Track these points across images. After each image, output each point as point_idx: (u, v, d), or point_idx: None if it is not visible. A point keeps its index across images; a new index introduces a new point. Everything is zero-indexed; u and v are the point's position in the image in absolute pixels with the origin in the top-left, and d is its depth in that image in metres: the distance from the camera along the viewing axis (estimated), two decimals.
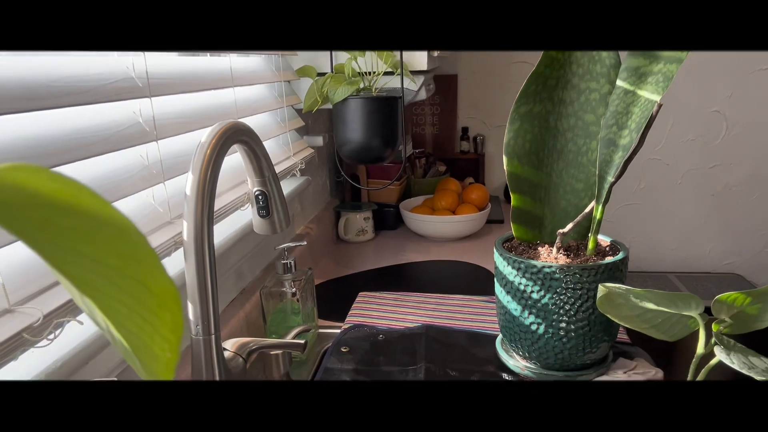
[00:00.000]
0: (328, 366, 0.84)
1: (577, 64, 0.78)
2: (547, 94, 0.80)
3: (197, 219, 0.56)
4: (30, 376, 0.49)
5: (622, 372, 0.78)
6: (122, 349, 0.20)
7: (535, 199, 0.83)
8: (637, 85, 0.70)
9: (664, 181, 2.17)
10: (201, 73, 0.78)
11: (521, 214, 0.83)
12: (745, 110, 2.07)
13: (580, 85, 0.79)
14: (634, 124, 0.69)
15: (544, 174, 0.83)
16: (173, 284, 0.19)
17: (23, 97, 0.48)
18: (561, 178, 0.82)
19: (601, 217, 0.75)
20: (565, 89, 0.80)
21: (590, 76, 0.78)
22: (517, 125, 0.80)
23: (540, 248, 0.81)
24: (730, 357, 0.49)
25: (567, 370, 0.78)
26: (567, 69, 0.79)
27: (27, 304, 0.47)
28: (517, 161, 0.81)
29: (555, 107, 0.81)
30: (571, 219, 0.81)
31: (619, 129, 0.71)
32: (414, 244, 1.45)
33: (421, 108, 2.16)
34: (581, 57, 0.78)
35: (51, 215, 0.16)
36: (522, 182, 0.82)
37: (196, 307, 0.57)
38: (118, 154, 0.64)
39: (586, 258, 0.77)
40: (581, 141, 0.80)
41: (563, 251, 0.79)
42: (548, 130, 0.81)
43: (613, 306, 0.57)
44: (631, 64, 0.71)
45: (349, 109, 1.07)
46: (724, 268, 2.22)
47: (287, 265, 0.89)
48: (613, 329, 0.77)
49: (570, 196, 0.82)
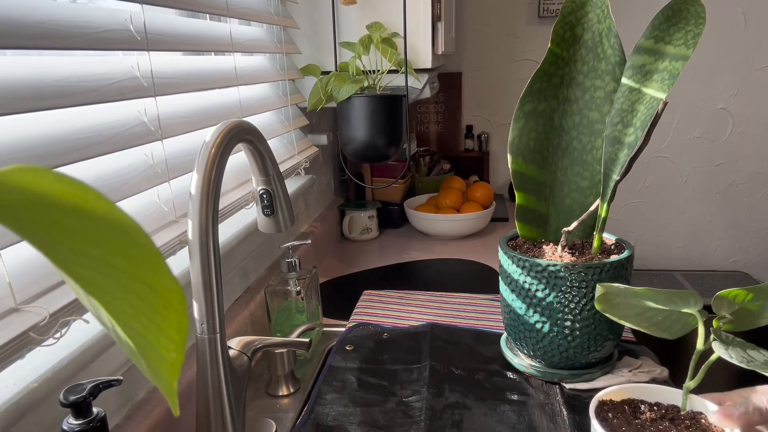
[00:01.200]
0: (333, 364, 0.84)
1: (582, 62, 0.78)
2: (552, 92, 0.80)
3: (202, 218, 0.56)
4: (36, 375, 0.49)
5: (627, 371, 0.78)
6: (128, 349, 0.20)
7: (539, 198, 0.83)
8: (642, 83, 0.70)
9: (669, 178, 2.16)
10: (205, 73, 0.78)
11: (526, 213, 0.83)
12: (751, 108, 2.06)
13: (585, 82, 0.79)
14: (639, 122, 0.69)
15: (548, 172, 0.83)
16: (178, 285, 0.19)
17: (28, 96, 0.48)
18: (566, 176, 0.82)
19: (606, 215, 0.75)
20: (570, 87, 0.79)
21: (595, 73, 0.77)
22: (522, 123, 0.80)
23: (545, 246, 0.81)
24: (728, 352, 0.49)
25: (572, 368, 0.77)
26: (572, 67, 0.79)
27: (33, 303, 0.47)
28: (522, 159, 0.81)
29: (560, 105, 0.80)
30: (576, 217, 0.81)
31: (624, 127, 0.71)
32: (418, 242, 1.45)
33: (425, 106, 2.16)
34: (586, 54, 0.78)
35: (56, 216, 0.16)
36: (527, 180, 0.82)
37: (201, 306, 0.57)
38: (123, 153, 0.64)
39: (591, 256, 0.76)
40: (586, 139, 0.80)
41: (568, 249, 0.78)
42: (553, 128, 0.81)
43: (612, 305, 0.57)
44: (636, 61, 0.71)
45: (354, 107, 1.07)
46: (731, 266, 2.21)
47: (292, 263, 0.89)
48: (618, 327, 0.77)
49: (575, 195, 0.82)
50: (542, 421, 0.70)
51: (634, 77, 0.71)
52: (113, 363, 0.62)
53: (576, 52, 0.78)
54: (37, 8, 0.50)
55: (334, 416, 0.73)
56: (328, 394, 0.77)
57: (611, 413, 0.57)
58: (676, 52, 0.67)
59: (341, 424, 0.71)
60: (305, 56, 1.16)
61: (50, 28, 0.50)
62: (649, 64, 0.70)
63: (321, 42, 1.14)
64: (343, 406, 0.75)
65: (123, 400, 0.63)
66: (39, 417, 0.51)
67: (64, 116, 0.55)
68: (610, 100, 0.76)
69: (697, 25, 0.66)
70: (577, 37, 0.78)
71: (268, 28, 1.05)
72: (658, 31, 0.70)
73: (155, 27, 0.66)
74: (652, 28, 0.70)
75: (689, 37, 0.67)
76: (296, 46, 1.15)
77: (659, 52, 0.69)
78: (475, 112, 2.19)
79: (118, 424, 0.60)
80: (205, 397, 0.60)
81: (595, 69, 0.77)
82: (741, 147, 2.10)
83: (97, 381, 0.48)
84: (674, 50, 0.68)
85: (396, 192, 1.60)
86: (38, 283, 0.49)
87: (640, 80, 0.70)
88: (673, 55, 0.68)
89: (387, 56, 1.06)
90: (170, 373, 0.20)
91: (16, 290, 0.47)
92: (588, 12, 0.76)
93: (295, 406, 0.80)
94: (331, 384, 0.79)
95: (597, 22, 0.76)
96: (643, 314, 0.56)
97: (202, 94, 0.81)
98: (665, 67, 0.68)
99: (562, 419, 0.71)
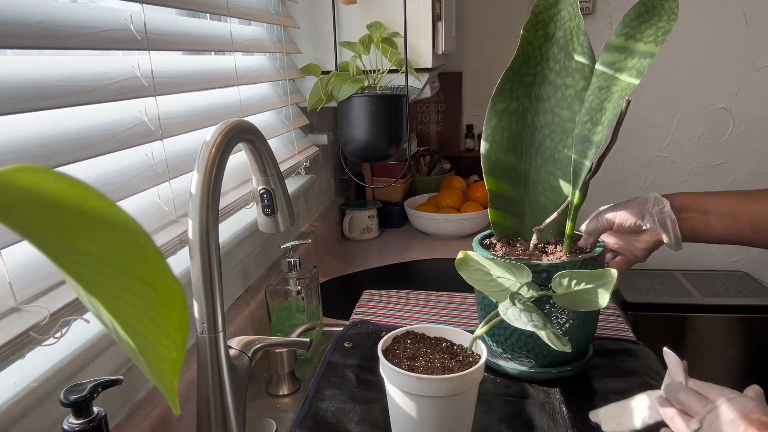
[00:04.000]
0: (332, 360, 0.84)
1: (554, 60, 0.78)
2: (524, 90, 0.80)
3: (202, 217, 0.56)
4: (37, 374, 0.50)
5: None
6: (128, 349, 0.20)
7: (512, 185, 0.83)
8: (612, 81, 0.70)
9: (670, 178, 2.16)
10: (206, 72, 0.78)
11: (500, 201, 0.82)
12: (751, 107, 2.06)
13: (557, 81, 0.78)
14: (607, 121, 0.69)
15: (522, 170, 0.83)
16: (179, 284, 0.19)
17: (29, 96, 0.48)
18: (539, 174, 0.82)
19: (579, 204, 0.75)
20: (542, 86, 0.79)
21: (566, 71, 0.77)
22: (494, 122, 0.80)
23: (519, 245, 0.81)
24: (507, 313, 0.59)
25: (542, 365, 0.78)
26: (543, 65, 0.79)
27: (34, 303, 0.47)
28: (495, 157, 0.81)
29: (532, 104, 0.80)
30: (550, 215, 0.82)
31: (593, 125, 0.71)
32: (419, 242, 1.45)
33: (425, 106, 2.16)
34: (558, 52, 0.77)
35: (57, 216, 0.16)
36: (497, 166, 0.82)
37: (202, 306, 0.58)
38: (124, 153, 0.64)
39: (561, 255, 0.77)
40: (558, 137, 0.80)
41: (541, 248, 0.79)
42: (525, 126, 0.81)
43: (469, 270, 0.68)
44: (606, 59, 0.71)
45: (354, 107, 1.07)
46: (731, 265, 2.21)
47: (292, 263, 0.89)
48: (591, 325, 0.78)
49: (548, 193, 0.82)
50: (542, 419, 0.70)
51: (603, 75, 0.71)
52: (114, 363, 0.62)
53: (548, 50, 0.78)
54: (37, 8, 0.50)
55: (333, 412, 0.73)
56: (327, 390, 0.77)
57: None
58: (646, 49, 0.67)
59: (340, 420, 0.71)
60: (305, 56, 1.16)
61: (50, 28, 0.50)
62: (618, 62, 0.70)
63: (321, 41, 1.14)
64: (342, 402, 0.75)
65: (123, 399, 0.63)
66: (39, 416, 0.51)
67: (64, 116, 0.55)
68: (580, 98, 0.76)
69: (669, 20, 0.66)
70: (549, 35, 0.77)
71: (268, 27, 1.05)
72: (629, 28, 0.70)
73: (155, 27, 0.66)
74: (623, 26, 0.70)
75: (659, 33, 0.67)
76: (296, 45, 1.14)
77: (629, 50, 0.69)
78: (476, 111, 2.19)
79: (118, 424, 0.60)
80: (206, 397, 0.60)
81: (566, 67, 0.77)
82: (741, 147, 2.10)
83: (97, 380, 0.48)
84: (644, 47, 0.68)
85: (396, 192, 1.60)
86: (39, 283, 0.49)
87: (609, 78, 0.70)
88: (642, 52, 0.68)
89: (387, 56, 1.06)
90: (171, 372, 0.20)
91: (17, 290, 0.47)
92: (561, 10, 0.76)
93: (295, 405, 0.80)
94: (330, 380, 0.80)
95: (568, 19, 0.76)
96: (491, 282, 0.68)
97: (202, 93, 0.81)
98: (633, 65, 0.68)
99: (561, 417, 0.71)
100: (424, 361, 0.62)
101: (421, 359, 0.62)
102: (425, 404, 0.58)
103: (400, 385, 0.59)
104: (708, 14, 1.98)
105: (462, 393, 0.59)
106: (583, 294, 0.63)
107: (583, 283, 0.63)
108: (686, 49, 2.02)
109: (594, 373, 0.80)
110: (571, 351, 0.57)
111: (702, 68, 2.04)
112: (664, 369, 0.63)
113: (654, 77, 2.04)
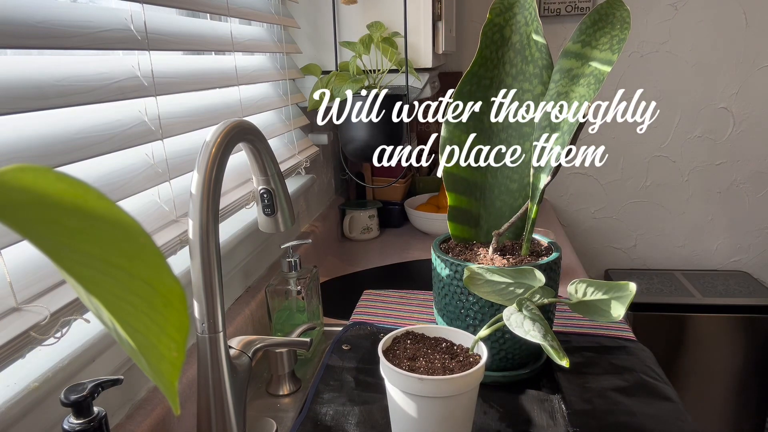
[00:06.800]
0: (330, 363, 0.84)
1: (510, 64, 0.78)
2: (482, 94, 0.80)
3: (202, 217, 0.56)
4: (37, 374, 0.50)
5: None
6: (129, 349, 0.20)
7: (471, 199, 0.83)
8: (570, 87, 0.70)
9: (670, 178, 2.16)
10: (206, 72, 0.78)
11: (458, 214, 0.82)
12: (752, 107, 2.06)
13: (514, 85, 0.78)
14: (566, 126, 0.69)
15: (479, 174, 0.83)
16: (179, 284, 0.19)
17: (29, 96, 0.48)
18: (496, 178, 0.82)
19: (535, 218, 0.75)
20: (499, 89, 0.79)
21: (523, 76, 0.77)
22: (453, 125, 0.80)
23: (477, 249, 0.81)
24: (510, 319, 0.57)
25: (504, 369, 0.78)
26: (501, 69, 0.79)
27: (34, 303, 0.47)
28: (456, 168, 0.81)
29: (490, 107, 0.80)
30: (506, 219, 0.82)
31: (552, 131, 0.71)
32: (419, 241, 1.45)
33: (425, 105, 2.15)
34: (514, 57, 0.77)
35: (58, 216, 0.16)
36: (458, 182, 0.82)
37: (202, 306, 0.58)
38: (124, 152, 0.64)
39: (521, 259, 0.77)
40: (515, 142, 0.80)
41: (499, 252, 0.79)
42: (483, 130, 0.81)
43: (476, 285, 0.66)
44: (563, 65, 0.71)
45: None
46: (732, 265, 2.21)
47: (292, 263, 0.89)
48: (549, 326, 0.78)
49: (505, 197, 0.82)
50: (542, 418, 0.70)
51: (561, 81, 0.71)
52: (114, 362, 0.62)
53: (505, 54, 0.78)
54: (37, 8, 0.50)
55: (332, 415, 0.73)
56: (326, 393, 0.77)
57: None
58: (603, 56, 0.68)
59: (339, 423, 0.71)
60: (306, 55, 1.16)
61: (50, 27, 0.50)
62: (576, 68, 0.70)
63: (321, 41, 1.14)
64: (341, 405, 0.75)
65: (124, 399, 0.63)
66: (40, 416, 0.51)
67: (64, 116, 0.55)
68: (537, 103, 0.76)
69: (623, 30, 0.67)
70: (506, 39, 0.77)
71: (268, 27, 1.05)
72: (584, 35, 0.70)
73: (156, 26, 0.66)
74: (579, 32, 0.70)
75: (615, 42, 0.67)
76: (297, 45, 1.15)
77: (586, 57, 0.69)
78: None
79: (118, 424, 0.60)
80: (206, 397, 0.60)
81: (523, 72, 0.77)
82: (742, 146, 2.10)
83: (97, 380, 0.48)
84: (600, 54, 0.68)
85: (396, 191, 1.60)
86: (39, 283, 0.49)
87: (567, 84, 0.70)
88: (599, 59, 0.68)
89: (387, 56, 1.06)
90: (171, 372, 0.20)
91: (17, 290, 0.47)
92: (516, 14, 0.76)
93: (295, 405, 0.80)
94: (328, 383, 0.79)
95: (525, 24, 0.76)
96: (500, 291, 0.66)
97: (202, 93, 0.81)
98: (591, 71, 0.68)
99: (561, 416, 0.71)
100: (425, 361, 0.62)
101: (422, 359, 0.62)
102: (426, 405, 0.58)
103: (401, 385, 0.59)
104: (708, 14, 1.98)
105: (463, 393, 0.59)
106: (598, 304, 0.62)
107: (600, 293, 0.62)
108: (686, 49, 2.02)
109: (592, 370, 0.80)
110: (568, 366, 0.57)
111: (702, 68, 2.04)
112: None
113: (654, 77, 2.04)
